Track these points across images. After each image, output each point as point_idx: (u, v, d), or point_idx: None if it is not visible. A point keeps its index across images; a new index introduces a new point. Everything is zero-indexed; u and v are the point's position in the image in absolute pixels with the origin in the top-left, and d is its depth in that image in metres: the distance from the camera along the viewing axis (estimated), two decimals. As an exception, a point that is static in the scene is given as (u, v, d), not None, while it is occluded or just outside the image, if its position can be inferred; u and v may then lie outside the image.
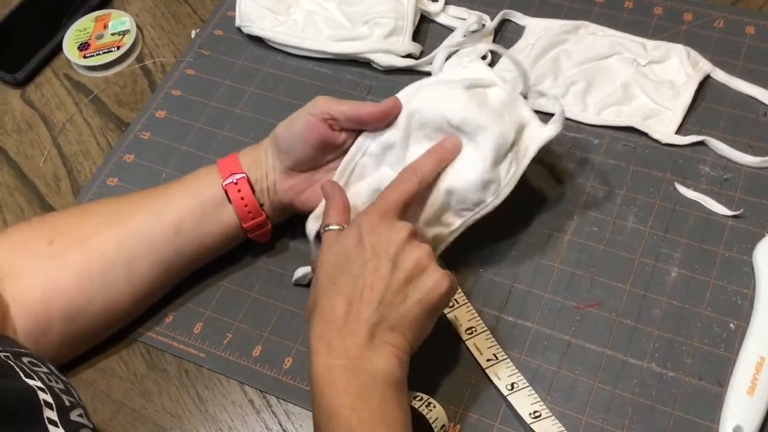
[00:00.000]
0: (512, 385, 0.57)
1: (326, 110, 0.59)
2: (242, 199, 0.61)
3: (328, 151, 0.61)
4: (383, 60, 0.75)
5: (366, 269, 0.52)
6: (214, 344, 0.63)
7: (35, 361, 0.49)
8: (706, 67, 0.71)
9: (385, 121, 0.60)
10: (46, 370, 0.49)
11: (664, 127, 0.68)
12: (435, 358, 0.60)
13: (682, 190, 0.65)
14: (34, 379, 0.46)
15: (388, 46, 0.75)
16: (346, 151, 0.62)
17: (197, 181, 0.63)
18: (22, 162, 0.77)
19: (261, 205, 0.62)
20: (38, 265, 0.58)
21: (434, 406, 0.56)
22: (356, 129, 0.61)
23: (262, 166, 0.62)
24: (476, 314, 0.60)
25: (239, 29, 0.82)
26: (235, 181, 0.61)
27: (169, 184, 0.64)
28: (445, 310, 0.61)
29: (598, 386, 0.57)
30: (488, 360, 0.58)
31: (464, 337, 0.60)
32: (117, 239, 0.60)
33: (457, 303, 0.61)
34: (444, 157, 0.58)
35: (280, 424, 0.59)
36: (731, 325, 0.59)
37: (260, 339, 0.63)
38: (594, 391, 0.57)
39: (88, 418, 0.49)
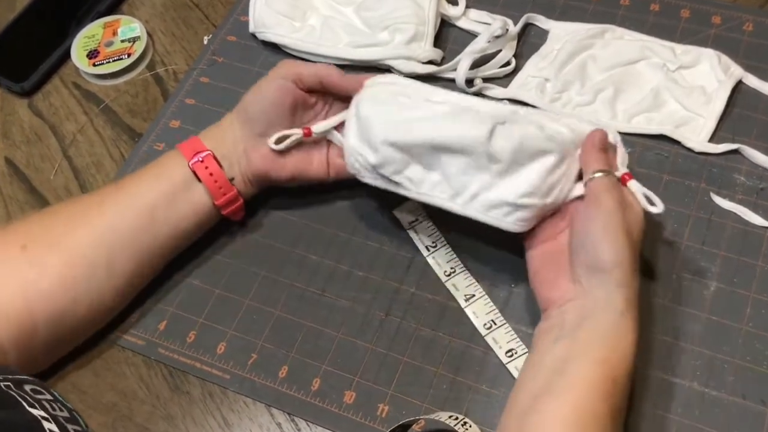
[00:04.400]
0: None
1: (292, 73, 0.62)
2: (211, 175, 0.61)
3: (299, 112, 0.63)
4: (404, 67, 0.73)
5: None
6: (239, 365, 0.61)
7: (38, 388, 0.48)
8: (737, 72, 0.69)
9: (348, 92, 0.62)
10: (49, 397, 0.48)
11: (697, 135, 0.66)
12: (470, 379, 0.58)
13: (717, 200, 0.64)
14: (37, 409, 0.45)
15: (410, 53, 0.73)
16: (316, 112, 0.64)
17: (162, 166, 0.63)
18: (32, 175, 0.74)
19: (231, 180, 0.63)
20: (14, 271, 0.57)
21: (470, 426, 0.54)
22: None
23: (228, 140, 0.63)
24: (516, 335, 0.59)
25: (253, 35, 0.79)
26: (201, 159, 0.61)
27: (134, 173, 0.63)
28: (483, 333, 0.59)
29: (639, 405, 0.56)
30: None
31: (504, 360, 0.58)
32: (92, 236, 0.59)
33: (495, 324, 0.59)
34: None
35: (310, 449, 0.57)
36: (773, 341, 0.57)
37: (286, 359, 0.61)
38: (636, 411, 0.55)
39: None
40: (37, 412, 0.44)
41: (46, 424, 0.44)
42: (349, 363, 0.60)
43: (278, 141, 0.63)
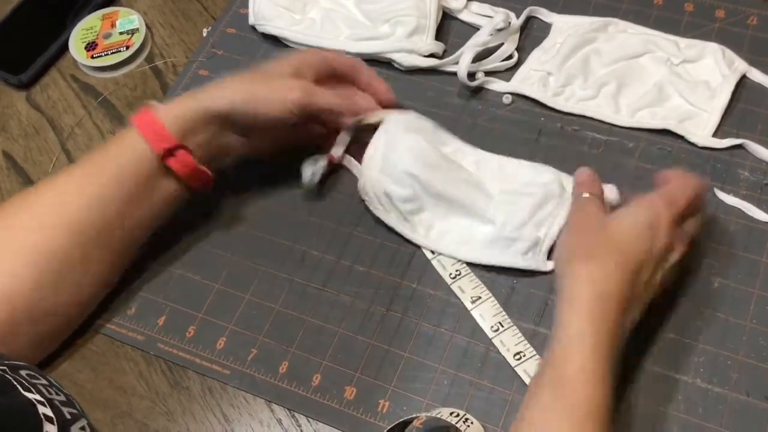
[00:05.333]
0: None
1: (306, 107, 0.59)
2: (187, 168, 0.60)
3: (298, 132, 0.64)
4: (406, 60, 0.72)
5: (652, 253, 0.53)
6: (239, 360, 0.61)
7: (33, 373, 0.48)
8: (741, 66, 0.69)
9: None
10: (45, 382, 0.47)
11: (701, 130, 0.66)
12: (472, 375, 0.58)
13: (721, 196, 0.63)
14: (33, 393, 0.45)
15: (411, 46, 0.72)
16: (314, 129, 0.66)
17: (129, 158, 0.59)
18: (29, 169, 0.74)
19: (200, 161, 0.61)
20: None
21: (471, 422, 0.54)
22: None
23: (200, 134, 0.60)
24: (523, 338, 0.58)
25: (253, 27, 0.79)
26: (174, 154, 0.59)
27: (102, 163, 0.60)
28: (490, 335, 0.59)
29: (642, 402, 0.55)
30: None
31: (513, 363, 0.57)
32: (68, 235, 0.57)
33: (502, 326, 0.59)
34: None
35: (311, 445, 0.57)
36: (777, 338, 0.57)
37: (287, 355, 0.60)
38: (639, 408, 0.55)
39: (92, 429, 0.48)
40: (32, 396, 0.44)
41: (41, 408, 0.44)
42: (349, 359, 0.59)
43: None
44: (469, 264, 0.62)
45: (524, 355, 0.57)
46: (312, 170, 0.65)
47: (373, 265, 0.63)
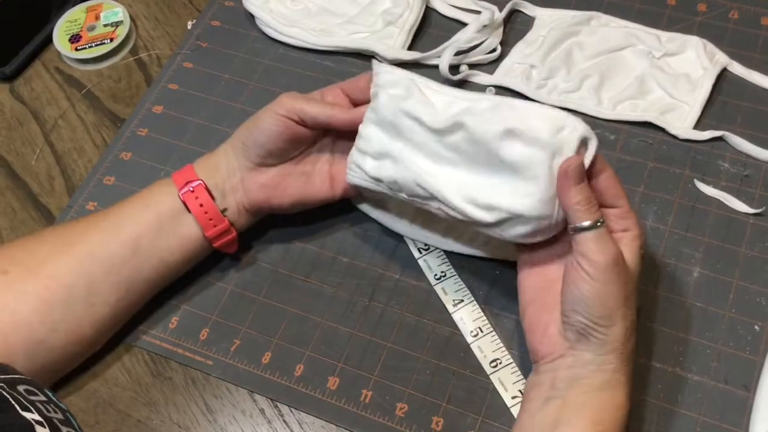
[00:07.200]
0: None
1: (294, 111, 0.58)
2: (201, 206, 0.58)
3: (297, 145, 0.60)
4: (389, 53, 0.72)
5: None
6: (222, 351, 0.61)
7: (32, 389, 0.46)
8: (722, 59, 0.69)
9: (355, 127, 0.57)
10: (43, 398, 0.46)
11: (682, 122, 0.66)
12: (454, 365, 0.58)
13: (701, 187, 0.64)
14: (31, 412, 0.43)
15: (382, 39, 0.73)
16: (319, 145, 0.61)
17: (152, 194, 0.60)
18: (12, 160, 0.73)
19: (224, 211, 0.60)
20: None
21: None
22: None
23: (222, 169, 0.60)
24: (501, 344, 0.58)
25: (239, 20, 0.79)
26: (191, 189, 0.59)
27: (124, 200, 0.60)
28: (469, 340, 0.59)
29: (621, 392, 0.56)
30: (514, 397, 0.56)
31: (489, 370, 0.58)
32: (73, 263, 0.56)
33: (481, 332, 0.59)
34: None
35: (293, 435, 0.57)
36: (756, 327, 0.57)
37: (269, 345, 0.60)
38: (618, 396, 0.56)
39: None
40: (30, 416, 0.43)
41: (40, 429, 0.43)
42: (332, 349, 0.60)
43: None
44: (453, 258, 0.62)
45: (500, 363, 0.57)
46: None
47: (356, 256, 0.64)
